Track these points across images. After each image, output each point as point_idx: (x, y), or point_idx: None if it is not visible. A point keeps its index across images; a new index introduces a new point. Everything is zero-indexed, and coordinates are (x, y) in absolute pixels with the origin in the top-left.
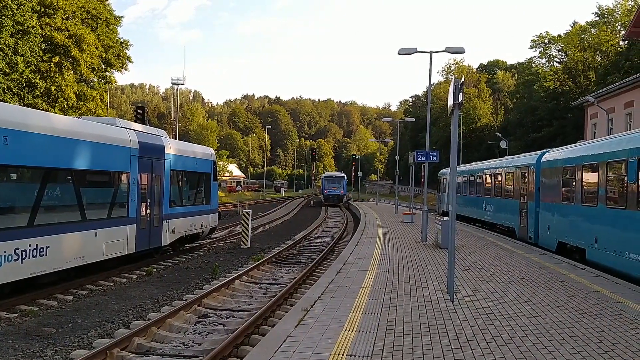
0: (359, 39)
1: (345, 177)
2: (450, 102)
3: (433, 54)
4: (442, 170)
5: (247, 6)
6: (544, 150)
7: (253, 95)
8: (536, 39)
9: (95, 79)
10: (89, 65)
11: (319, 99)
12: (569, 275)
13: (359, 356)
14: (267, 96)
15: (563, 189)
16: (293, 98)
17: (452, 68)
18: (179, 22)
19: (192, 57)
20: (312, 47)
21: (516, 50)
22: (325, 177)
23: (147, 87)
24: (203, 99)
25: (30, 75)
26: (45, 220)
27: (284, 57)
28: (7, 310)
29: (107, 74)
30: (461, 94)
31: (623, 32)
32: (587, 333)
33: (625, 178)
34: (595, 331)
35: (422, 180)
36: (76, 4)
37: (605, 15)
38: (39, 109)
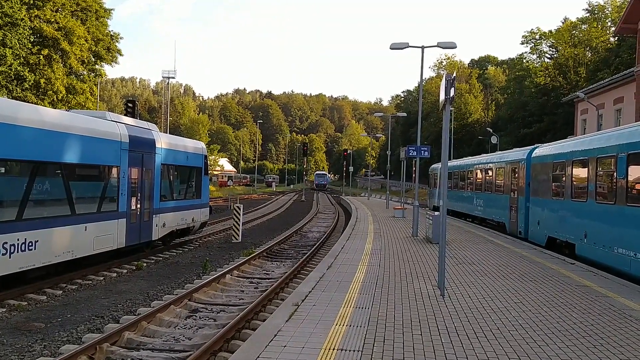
0: (351, 34)
1: (327, 174)
2: (442, 97)
3: (425, 49)
4: (433, 166)
5: (243, 2)
6: (535, 146)
7: (244, 89)
8: (527, 34)
9: (85, 72)
10: (79, 58)
11: (310, 94)
12: (559, 270)
13: (350, 350)
14: (258, 90)
15: (553, 184)
16: (285, 92)
17: (444, 63)
18: (173, 16)
19: (184, 51)
20: (304, 42)
21: (507, 46)
22: (316, 174)
23: (138, 80)
24: (194, 93)
25: (19, 68)
26: (34, 214)
27: (276, 51)
28: None
29: (97, 67)
30: (453, 89)
31: (613, 28)
32: (576, 327)
33: (615, 174)
34: (585, 325)
35: (414, 175)
36: None
37: (596, 12)
38: (27, 102)
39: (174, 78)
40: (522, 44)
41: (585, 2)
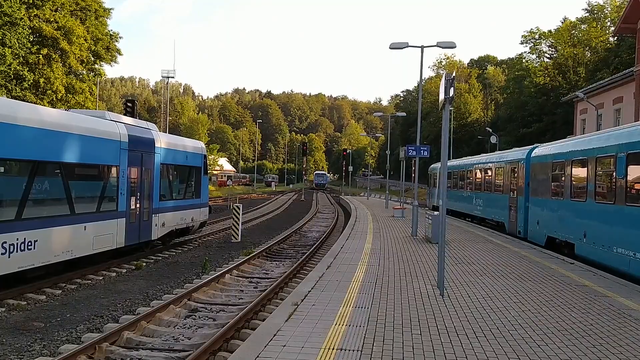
0: (351, 34)
1: (327, 174)
2: (442, 96)
3: (424, 49)
4: (432, 165)
5: (243, 1)
6: (534, 146)
7: (244, 89)
8: (527, 34)
9: (84, 72)
10: (78, 57)
11: (310, 93)
12: (558, 270)
13: (350, 350)
14: (258, 90)
15: (552, 184)
16: (284, 92)
17: (443, 63)
18: (173, 16)
19: (183, 51)
20: (304, 42)
21: (507, 46)
22: (315, 173)
23: (137, 80)
24: (194, 93)
25: (18, 68)
26: (34, 213)
27: (275, 51)
28: None
29: (96, 66)
30: (452, 88)
31: (612, 28)
32: (575, 327)
33: (614, 173)
34: (584, 325)
35: (413, 174)
36: None
37: (595, 12)
38: (27, 102)
39: (173, 78)
40: (522, 43)
41: (584, 2)
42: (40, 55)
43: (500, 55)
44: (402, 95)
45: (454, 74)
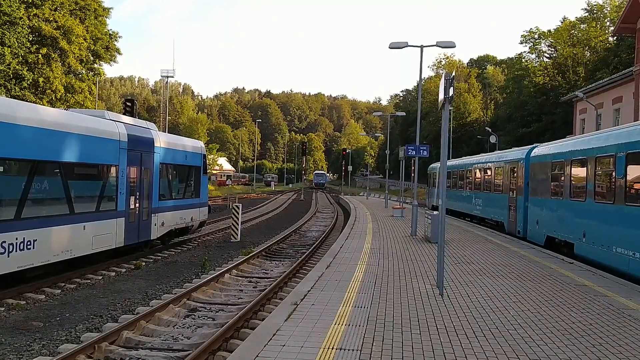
0: (350, 34)
1: (326, 173)
2: (441, 96)
3: (424, 48)
4: (432, 165)
5: (242, 1)
6: (533, 145)
7: (243, 88)
8: (526, 34)
9: (83, 71)
10: (77, 57)
11: (309, 93)
12: (558, 270)
13: (349, 350)
14: (257, 89)
15: (552, 183)
16: (283, 92)
17: (443, 63)
18: (172, 15)
19: (183, 50)
20: (303, 41)
21: (506, 46)
22: (315, 173)
23: (137, 79)
24: (193, 92)
25: (17, 67)
26: (33, 213)
27: (274, 50)
28: None
29: (95, 66)
30: (452, 88)
31: (612, 28)
32: (575, 327)
33: (614, 173)
34: (583, 325)
35: (412, 174)
36: None
37: (595, 12)
38: (26, 101)
39: (172, 77)
40: (521, 43)
41: (584, 1)
42: (40, 55)
43: (499, 55)
44: (401, 94)
45: (453, 74)
